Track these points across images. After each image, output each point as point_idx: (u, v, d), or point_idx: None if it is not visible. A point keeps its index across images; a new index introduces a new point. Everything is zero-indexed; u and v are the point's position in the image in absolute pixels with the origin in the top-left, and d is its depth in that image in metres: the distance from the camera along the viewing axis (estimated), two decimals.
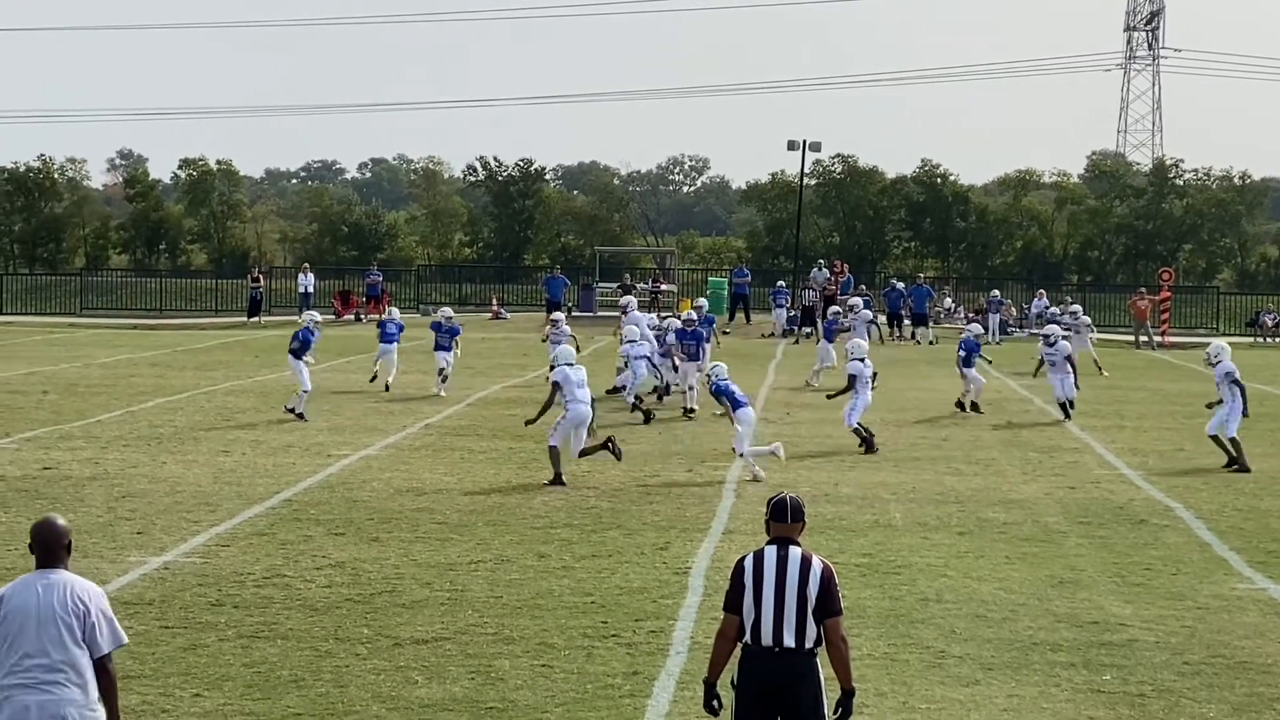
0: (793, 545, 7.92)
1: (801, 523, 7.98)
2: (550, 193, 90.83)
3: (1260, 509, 18.10)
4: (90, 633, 7.34)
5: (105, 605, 7.45)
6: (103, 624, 7.39)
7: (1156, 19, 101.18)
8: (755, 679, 7.84)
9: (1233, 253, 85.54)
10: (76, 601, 7.34)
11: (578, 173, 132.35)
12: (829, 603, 7.83)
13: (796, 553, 7.88)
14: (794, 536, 7.96)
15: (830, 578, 7.87)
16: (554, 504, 17.81)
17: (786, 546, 7.91)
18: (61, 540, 7.48)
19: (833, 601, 7.83)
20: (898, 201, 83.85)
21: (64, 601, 7.32)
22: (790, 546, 7.91)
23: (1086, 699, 10.60)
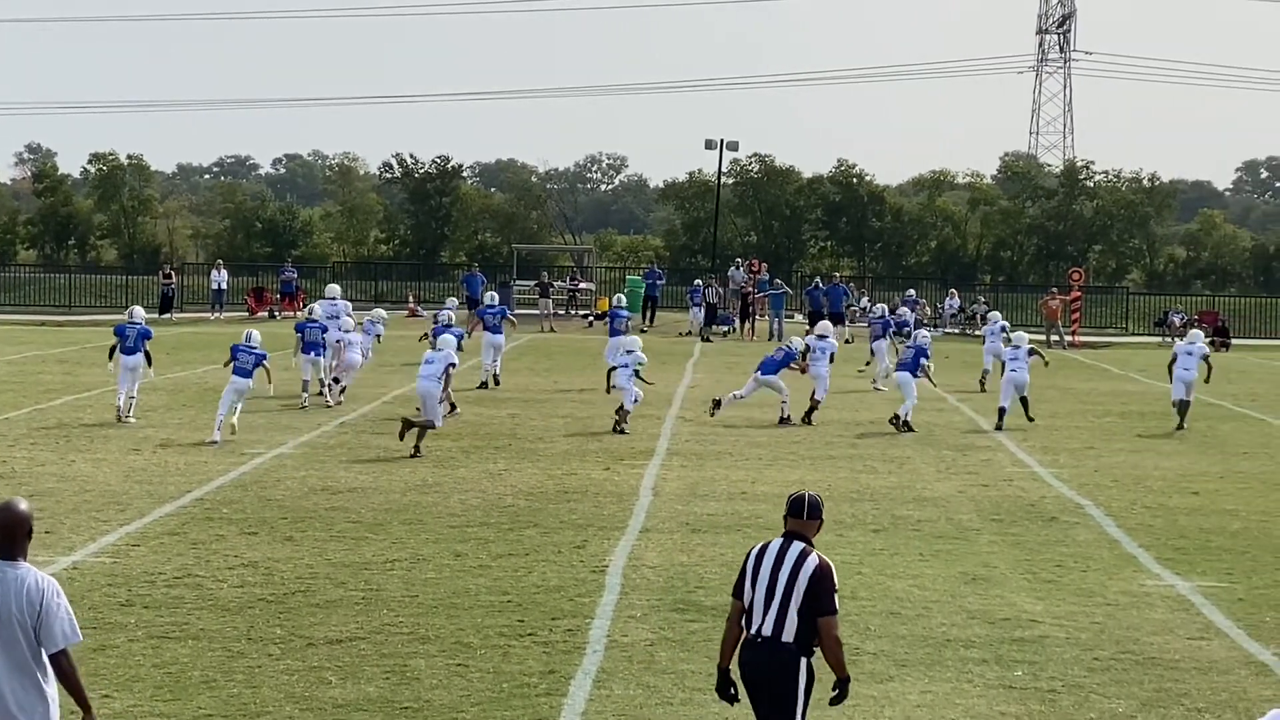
0: (798, 540, 8.08)
1: (817, 521, 8.19)
2: (467, 190, 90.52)
3: (1168, 506, 18.35)
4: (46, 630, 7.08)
5: (64, 600, 7.18)
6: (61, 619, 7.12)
7: (1068, 22, 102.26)
8: (741, 665, 8.04)
9: (1142, 254, 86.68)
10: (33, 600, 7.07)
11: (495, 170, 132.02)
12: (818, 601, 7.91)
13: (798, 547, 8.04)
14: (805, 533, 8.13)
15: (822, 577, 7.94)
16: (471, 503, 17.75)
17: (791, 540, 8.10)
18: (24, 527, 7.18)
19: (823, 600, 7.91)
20: (814, 201, 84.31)
21: (21, 602, 7.07)
22: (795, 541, 8.08)
23: (998, 695, 10.70)
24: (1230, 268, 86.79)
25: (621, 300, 35.19)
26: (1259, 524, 17.30)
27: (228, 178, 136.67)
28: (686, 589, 13.59)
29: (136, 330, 25.11)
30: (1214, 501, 18.73)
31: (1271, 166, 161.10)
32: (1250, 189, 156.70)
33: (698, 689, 10.65)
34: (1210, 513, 17.95)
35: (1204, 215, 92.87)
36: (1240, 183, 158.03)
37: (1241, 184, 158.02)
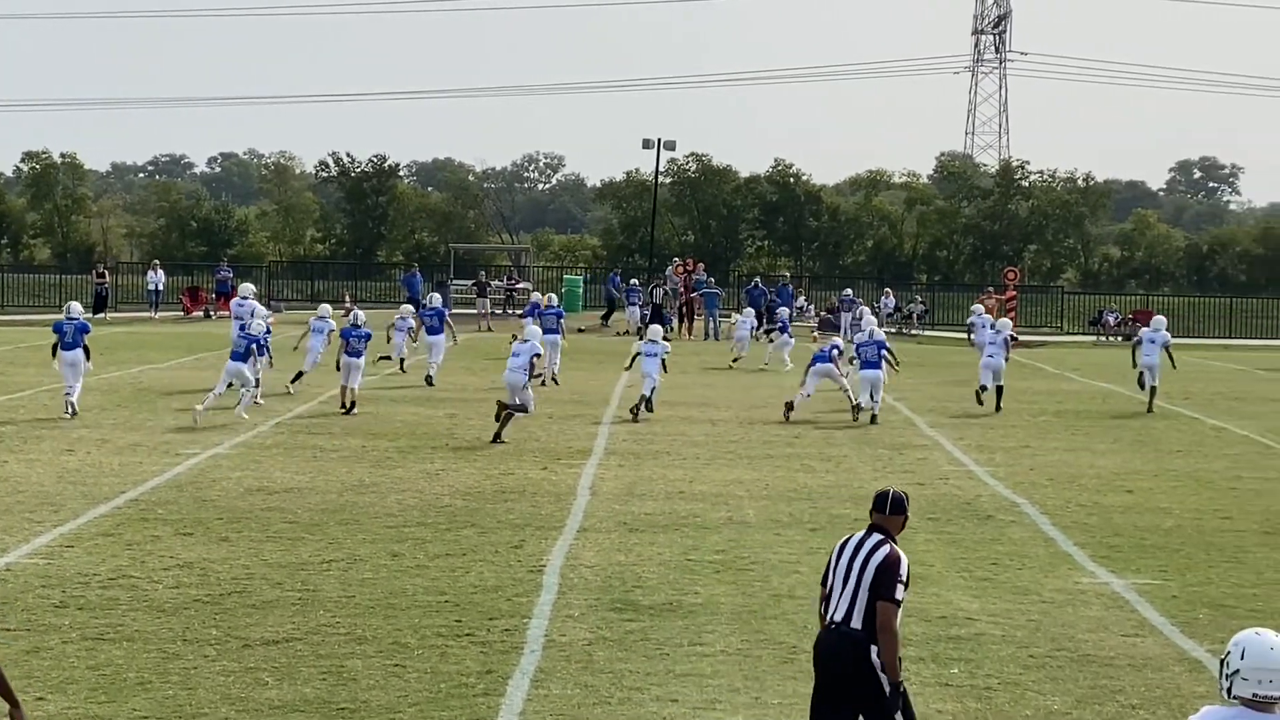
0: (879, 532, 8.35)
1: (901, 515, 8.43)
2: (404, 189, 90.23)
3: (1103, 504, 18.50)
4: None
5: None
6: None
7: (1003, 23, 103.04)
8: (815, 648, 8.36)
9: (1076, 253, 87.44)
10: None
11: (432, 169, 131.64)
12: (881, 585, 8.15)
13: (876, 539, 8.31)
14: (888, 526, 8.38)
15: (890, 564, 8.18)
16: (408, 502, 17.68)
17: (872, 532, 8.36)
18: None
19: (886, 586, 8.14)
20: (751, 200, 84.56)
21: None
22: (875, 533, 8.35)
23: (935, 692, 10.75)
24: (1164, 267, 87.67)
25: (553, 299, 35.45)
26: (1192, 522, 17.47)
27: (162, 176, 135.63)
28: (624, 588, 13.58)
29: (74, 326, 25.29)
30: (1148, 499, 18.90)
31: (1204, 167, 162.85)
32: (1183, 189, 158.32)
33: (635, 688, 10.65)
34: (1144, 511, 18.11)
35: (1138, 215, 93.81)
36: (1173, 183, 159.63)
37: (1175, 184, 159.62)
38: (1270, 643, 6.07)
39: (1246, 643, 6.09)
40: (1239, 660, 6.06)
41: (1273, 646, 6.05)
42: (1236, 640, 6.14)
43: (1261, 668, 6.01)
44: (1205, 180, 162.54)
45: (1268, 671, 6.00)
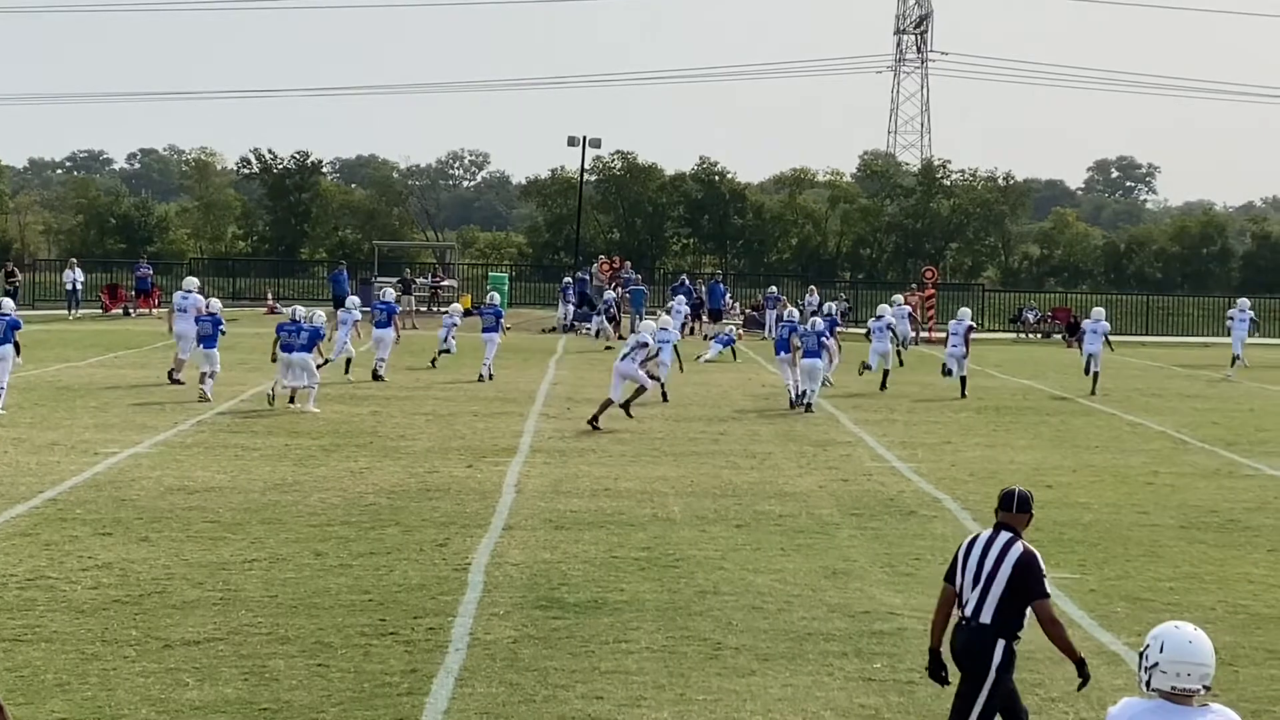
0: (1006, 530, 8.65)
1: (1026, 514, 8.74)
2: (327, 186, 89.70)
3: None
4: None
5: None
6: None
7: (925, 23, 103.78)
8: (951, 647, 8.67)
9: (997, 251, 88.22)
10: None
11: (356, 166, 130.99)
12: (1027, 587, 8.45)
13: (1006, 537, 8.61)
14: (1014, 525, 8.69)
15: (1027, 563, 8.47)
16: (331, 501, 17.58)
17: (1000, 531, 8.66)
18: None
19: (1032, 586, 8.44)
20: (676, 198, 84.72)
21: None
22: (1003, 531, 8.65)
23: (858, 687, 10.81)
24: (1082, 265, 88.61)
25: (495, 298, 35.51)
26: (1110, 516, 17.67)
27: (81, 173, 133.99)
28: (550, 586, 13.58)
29: (5, 321, 25.32)
30: (1067, 495, 19.10)
31: (1121, 166, 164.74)
32: (1101, 188, 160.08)
33: (561, 685, 10.65)
34: (1063, 506, 18.29)
35: (1057, 214, 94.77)
36: (1092, 182, 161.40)
37: (1093, 183, 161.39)
38: (1188, 636, 6.15)
39: (1165, 636, 6.17)
40: (1158, 653, 6.13)
41: (1191, 640, 6.13)
42: (1155, 633, 6.21)
43: (1180, 660, 6.09)
44: (1123, 179, 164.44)
45: (1186, 664, 6.08)
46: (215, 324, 27.94)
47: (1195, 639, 6.14)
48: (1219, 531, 16.86)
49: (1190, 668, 6.08)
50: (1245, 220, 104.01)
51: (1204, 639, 6.17)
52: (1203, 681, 6.10)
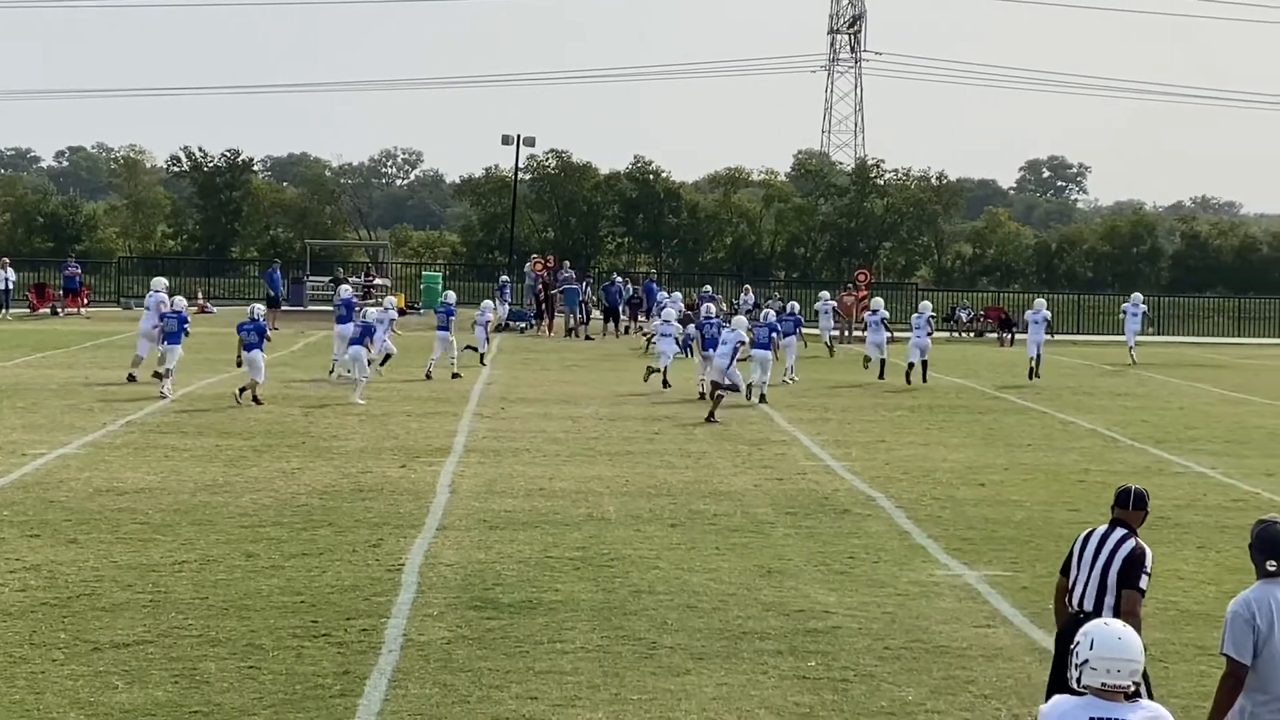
0: (1122, 526, 9.08)
1: (1142, 511, 9.16)
2: (259, 184, 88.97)
3: (956, 498, 18.77)
4: None
5: None
6: None
7: (859, 23, 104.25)
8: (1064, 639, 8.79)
9: (930, 250, 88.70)
10: None
11: (287, 164, 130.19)
12: (1127, 575, 8.87)
13: (1121, 533, 9.05)
14: (1130, 521, 9.12)
15: (1136, 557, 8.89)
16: (263, 502, 17.45)
17: (1115, 527, 9.10)
18: None
19: (1130, 576, 8.85)
20: (611, 197, 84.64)
21: None
22: (1119, 527, 9.09)
23: (793, 685, 10.83)
24: (1014, 264, 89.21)
25: (450, 296, 35.60)
26: (1042, 514, 17.79)
27: (7, 170, 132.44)
28: (484, 586, 13.53)
29: None
30: (999, 492, 19.22)
31: (1053, 165, 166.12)
32: (1033, 188, 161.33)
33: (495, 686, 10.61)
34: (996, 503, 18.41)
35: (989, 213, 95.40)
36: (1023, 181, 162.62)
37: (1025, 183, 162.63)
38: (1118, 633, 6.19)
39: (1095, 633, 6.21)
40: (1088, 650, 6.17)
41: (1120, 636, 6.17)
42: (1086, 630, 6.25)
43: (1109, 657, 6.13)
44: (1054, 179, 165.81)
45: (1116, 661, 6.12)
46: (180, 321, 28.40)
47: (1125, 636, 6.18)
48: (1149, 529, 16.81)
49: (1120, 664, 6.12)
50: (1174, 220, 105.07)
51: (1133, 636, 6.20)
52: (1132, 678, 6.13)
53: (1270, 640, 7.55)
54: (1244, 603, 7.65)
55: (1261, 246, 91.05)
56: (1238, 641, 7.59)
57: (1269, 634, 7.56)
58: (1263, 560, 7.71)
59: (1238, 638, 7.59)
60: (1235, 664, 7.60)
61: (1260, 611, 7.59)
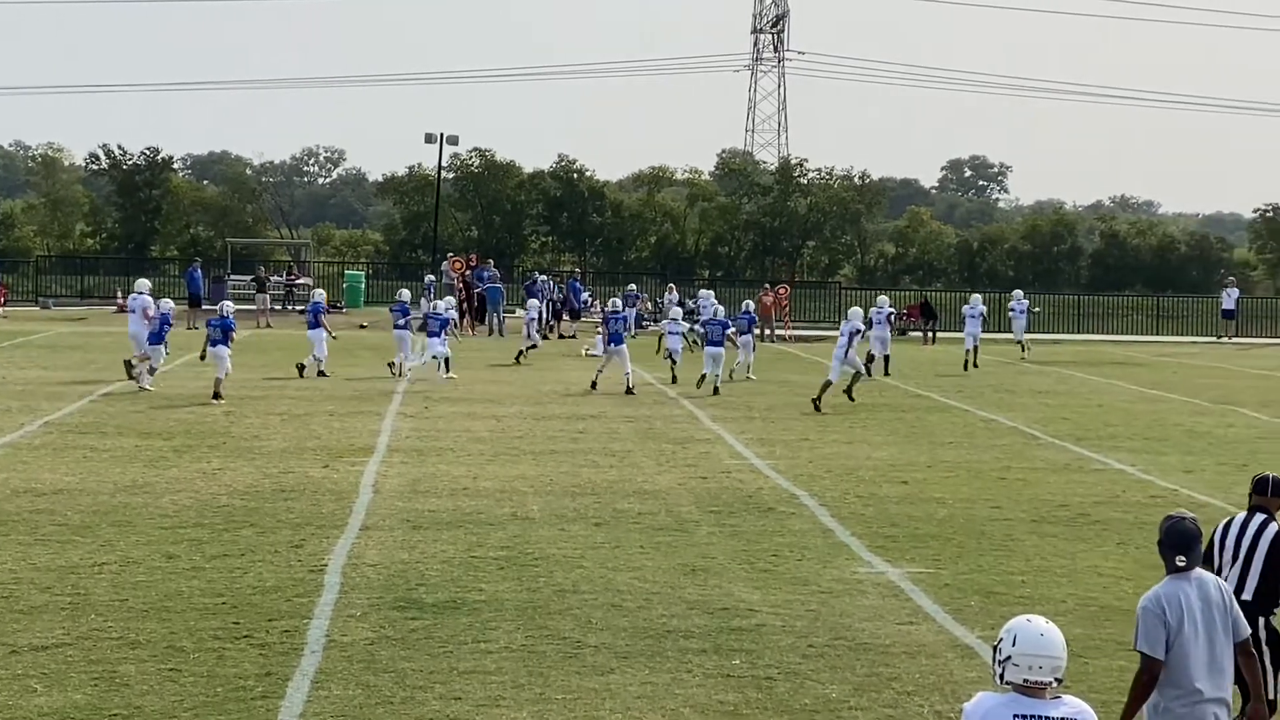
0: (1261, 512, 9.41)
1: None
2: (179, 183, 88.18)
3: (879, 495, 18.88)
4: None
5: None
6: None
7: (781, 22, 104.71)
8: None
9: (853, 249, 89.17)
10: None
11: (208, 162, 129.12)
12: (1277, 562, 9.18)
13: (1261, 518, 9.37)
14: (1269, 507, 9.43)
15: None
16: (183, 503, 17.29)
17: (1255, 513, 9.41)
18: None
19: None
20: (535, 196, 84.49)
21: None
22: (1258, 513, 9.41)
23: (717, 683, 10.85)
24: (936, 263, 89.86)
25: (405, 294, 36.00)
26: (964, 511, 17.92)
27: None
28: (407, 586, 13.47)
29: None
30: (922, 490, 19.34)
31: (974, 165, 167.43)
32: (954, 187, 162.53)
33: (419, 687, 10.56)
34: (918, 501, 18.52)
35: (912, 212, 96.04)
36: (945, 180, 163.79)
37: (946, 182, 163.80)
38: (1040, 629, 6.22)
39: (1018, 629, 6.25)
40: (1010, 646, 6.21)
41: (1043, 633, 6.20)
42: (1009, 627, 6.28)
43: (1032, 653, 6.16)
44: (975, 179, 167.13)
45: (1038, 657, 6.15)
46: (163, 321, 29.35)
47: (1047, 632, 6.21)
48: (1069, 525, 17.18)
49: (1042, 660, 6.15)
50: (1094, 219, 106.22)
51: (1055, 632, 6.23)
52: (1054, 674, 6.16)
53: (1181, 635, 7.66)
54: (1154, 599, 7.75)
55: (1179, 246, 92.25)
56: (1150, 637, 7.69)
57: (1179, 629, 7.66)
58: (1172, 556, 7.81)
59: (1150, 634, 7.69)
60: (1149, 660, 7.70)
61: (1170, 607, 7.69)
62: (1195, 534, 7.84)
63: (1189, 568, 7.80)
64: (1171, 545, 7.83)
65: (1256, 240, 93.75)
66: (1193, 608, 7.70)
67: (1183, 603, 7.69)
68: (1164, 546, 7.87)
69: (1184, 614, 7.67)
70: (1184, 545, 7.79)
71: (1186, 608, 7.68)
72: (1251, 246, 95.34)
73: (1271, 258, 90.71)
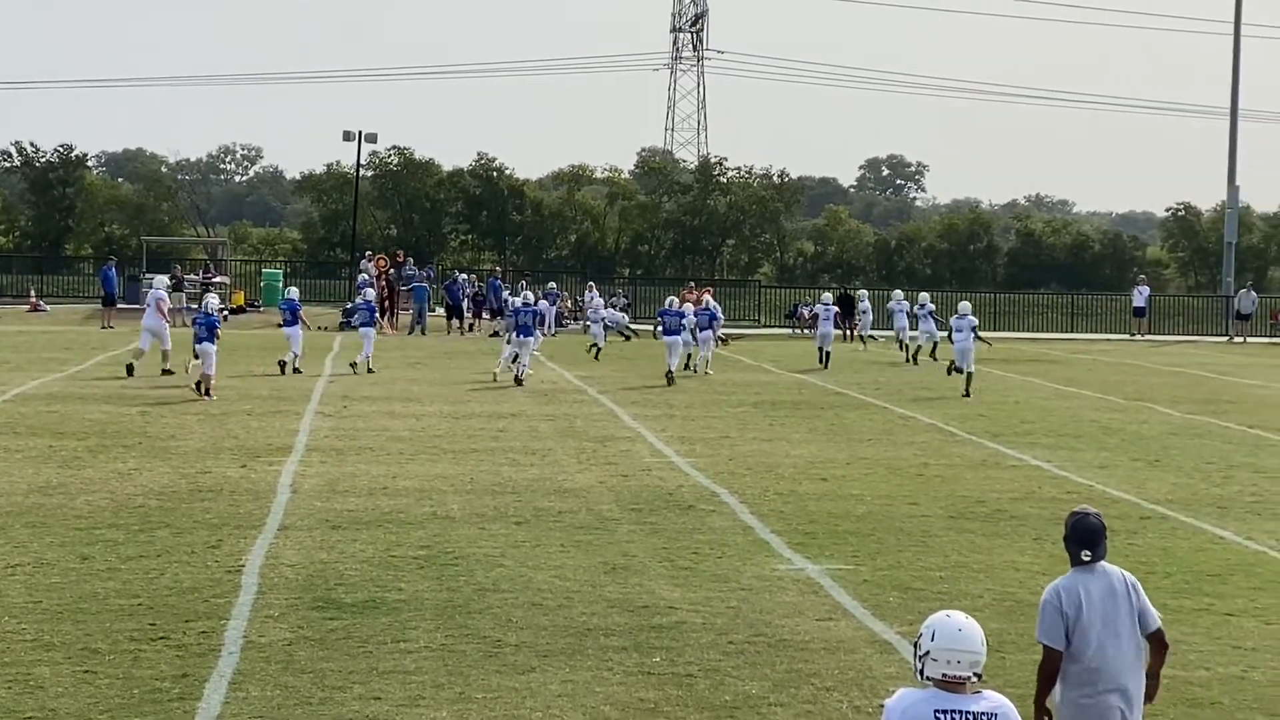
0: None
1: None
2: (93, 180, 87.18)
3: (799, 493, 18.96)
4: None
5: None
6: None
7: (701, 21, 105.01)
8: None
9: (773, 248, 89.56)
10: None
11: (123, 160, 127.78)
12: None
13: None
14: None
15: None
16: (99, 503, 17.10)
17: None
18: None
19: None
20: (455, 194, 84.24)
21: None
22: None
23: (637, 681, 10.86)
24: (855, 262, 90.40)
25: (294, 293, 36.04)
26: (882, 508, 18.04)
27: None
28: (326, 586, 13.39)
29: None
30: (841, 487, 19.45)
31: (892, 164, 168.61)
32: (872, 186, 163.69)
33: (338, 687, 10.50)
34: (838, 498, 18.63)
35: (830, 211, 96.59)
36: (863, 180, 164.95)
37: (864, 181, 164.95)
38: (959, 624, 6.27)
39: (937, 625, 6.29)
40: (929, 642, 6.25)
41: (961, 628, 6.25)
42: (928, 623, 6.33)
43: (950, 649, 6.21)
44: (893, 178, 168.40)
45: (956, 652, 6.20)
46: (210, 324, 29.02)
47: (965, 627, 6.25)
48: (986, 521, 17.33)
49: (961, 655, 6.20)
50: (1010, 218, 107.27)
51: (974, 627, 6.28)
52: (974, 669, 6.21)
53: (1080, 626, 7.78)
54: (1055, 591, 7.88)
55: (1093, 245, 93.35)
56: (1049, 629, 7.82)
57: (1078, 620, 7.78)
58: (1077, 550, 7.94)
59: (1049, 625, 7.83)
60: (1050, 650, 7.85)
61: (1069, 599, 7.81)
62: (1100, 529, 7.95)
63: (1094, 561, 7.92)
64: (1077, 540, 7.95)
65: (1168, 239, 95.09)
66: (1093, 599, 7.81)
67: (1082, 595, 7.81)
68: (1069, 541, 8.00)
69: (1084, 605, 7.79)
70: (1089, 540, 7.91)
71: (1086, 599, 7.80)
72: (1163, 245, 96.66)
73: (1183, 256, 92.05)
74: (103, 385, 29.13)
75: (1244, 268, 78.54)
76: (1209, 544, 16.33)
